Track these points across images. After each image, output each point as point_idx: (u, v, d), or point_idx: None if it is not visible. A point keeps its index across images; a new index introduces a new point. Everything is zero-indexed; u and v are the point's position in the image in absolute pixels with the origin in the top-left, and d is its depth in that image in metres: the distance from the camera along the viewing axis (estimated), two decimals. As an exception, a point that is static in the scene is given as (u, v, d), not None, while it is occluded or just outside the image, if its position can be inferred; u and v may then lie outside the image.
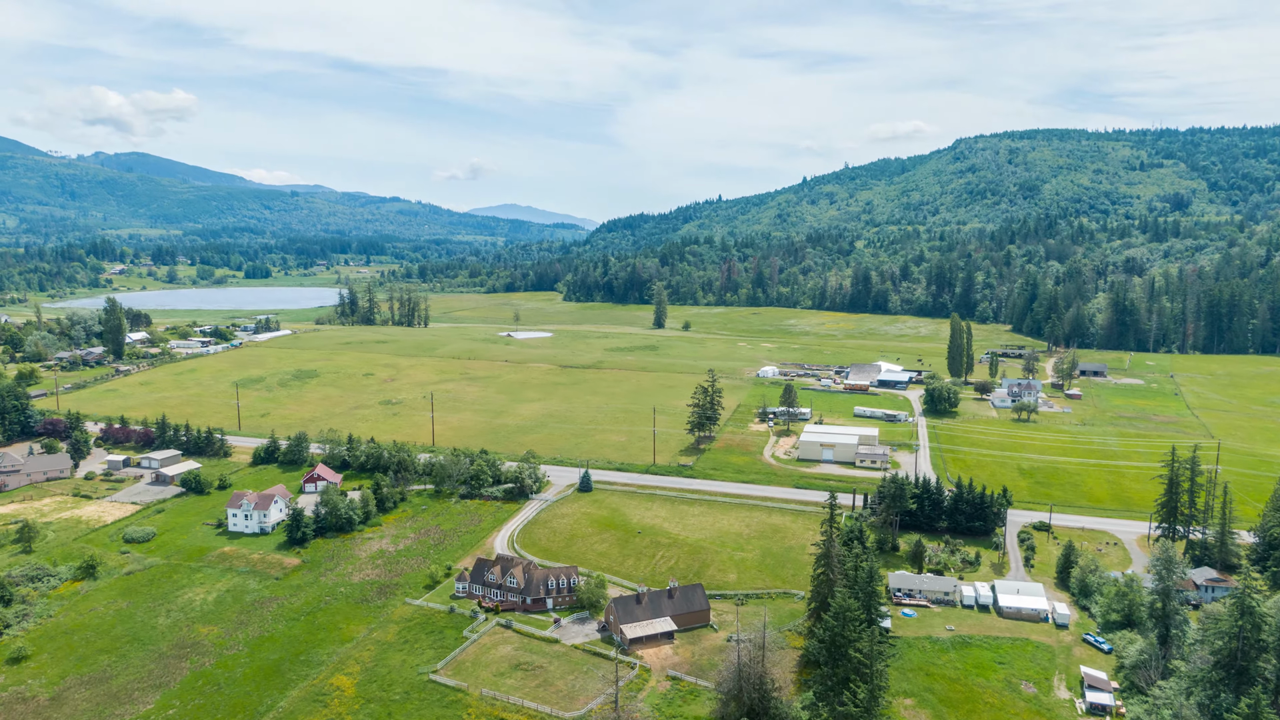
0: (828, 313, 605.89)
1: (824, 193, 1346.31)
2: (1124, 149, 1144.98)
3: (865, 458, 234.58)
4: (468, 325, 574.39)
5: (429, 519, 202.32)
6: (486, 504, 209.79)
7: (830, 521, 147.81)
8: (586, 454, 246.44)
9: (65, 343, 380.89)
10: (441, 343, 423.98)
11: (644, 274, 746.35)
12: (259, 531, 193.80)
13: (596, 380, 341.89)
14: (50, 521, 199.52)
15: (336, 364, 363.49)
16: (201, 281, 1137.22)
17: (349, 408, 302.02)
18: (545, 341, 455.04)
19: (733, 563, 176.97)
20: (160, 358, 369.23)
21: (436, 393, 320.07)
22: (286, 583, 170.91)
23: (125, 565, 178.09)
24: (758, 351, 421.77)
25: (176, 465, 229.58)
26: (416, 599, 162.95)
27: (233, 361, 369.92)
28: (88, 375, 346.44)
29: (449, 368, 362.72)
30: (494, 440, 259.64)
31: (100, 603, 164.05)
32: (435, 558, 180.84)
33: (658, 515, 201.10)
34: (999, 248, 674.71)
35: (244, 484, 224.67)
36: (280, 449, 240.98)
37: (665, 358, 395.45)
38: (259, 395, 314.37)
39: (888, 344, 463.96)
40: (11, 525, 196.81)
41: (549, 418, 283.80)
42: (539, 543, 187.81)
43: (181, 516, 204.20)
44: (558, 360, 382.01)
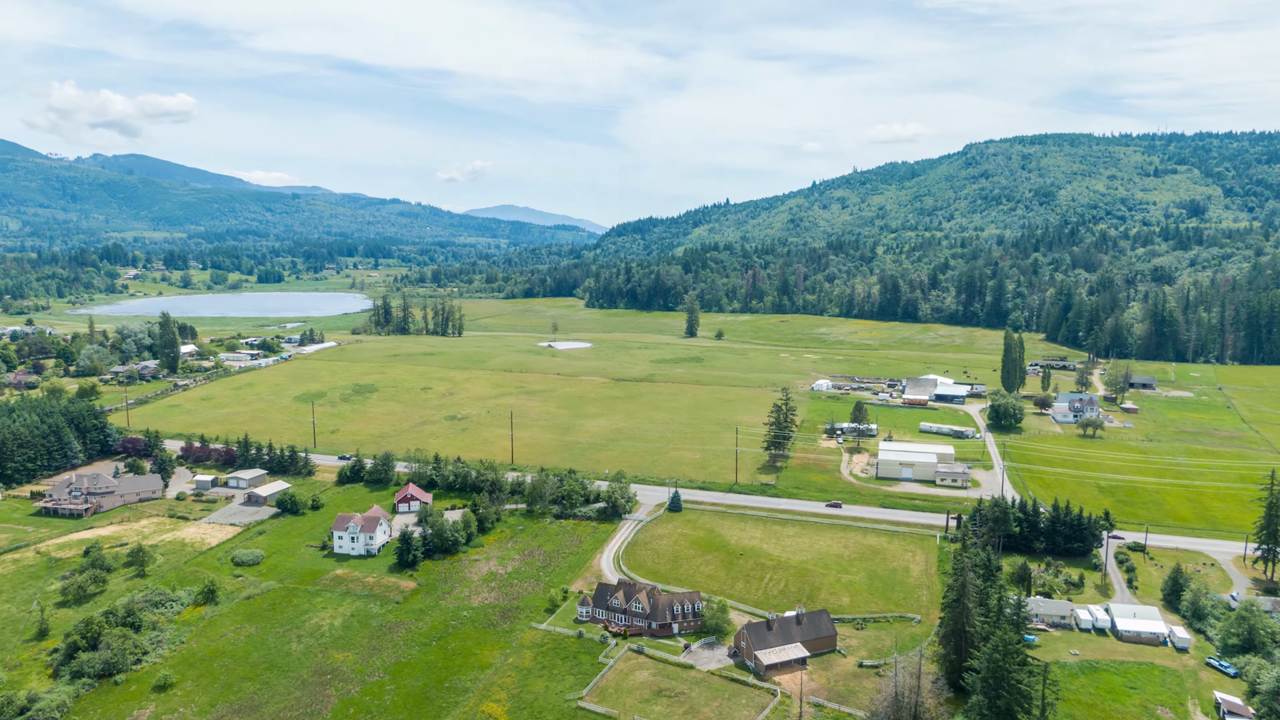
0: (856, 320, 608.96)
1: (835, 197, 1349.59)
2: (1136, 154, 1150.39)
3: (945, 476, 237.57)
4: (502, 334, 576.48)
5: (528, 540, 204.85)
6: (582, 524, 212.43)
7: (963, 547, 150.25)
8: (664, 472, 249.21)
9: (117, 356, 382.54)
10: (488, 354, 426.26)
11: (667, 281, 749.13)
12: (365, 554, 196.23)
13: (652, 394, 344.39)
14: (155, 544, 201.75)
15: (391, 378, 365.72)
16: (216, 286, 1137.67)
17: (415, 423, 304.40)
18: (587, 353, 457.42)
19: (841, 586, 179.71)
20: (214, 371, 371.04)
21: (496, 407, 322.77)
22: (408, 607, 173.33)
23: (243, 589, 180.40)
24: (801, 363, 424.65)
25: (269, 486, 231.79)
26: (541, 623, 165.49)
27: (287, 375, 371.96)
28: (146, 390, 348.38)
29: (503, 381, 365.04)
30: (569, 458, 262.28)
31: (228, 628, 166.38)
32: (547, 580, 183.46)
33: (753, 536, 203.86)
34: (1024, 255, 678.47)
35: (334, 504, 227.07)
36: (365, 468, 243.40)
37: (712, 370, 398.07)
38: (325, 411, 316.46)
39: (926, 354, 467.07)
40: (118, 548, 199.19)
41: (618, 434, 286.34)
42: (645, 564, 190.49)
43: (283, 539, 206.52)
44: (607, 373, 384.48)
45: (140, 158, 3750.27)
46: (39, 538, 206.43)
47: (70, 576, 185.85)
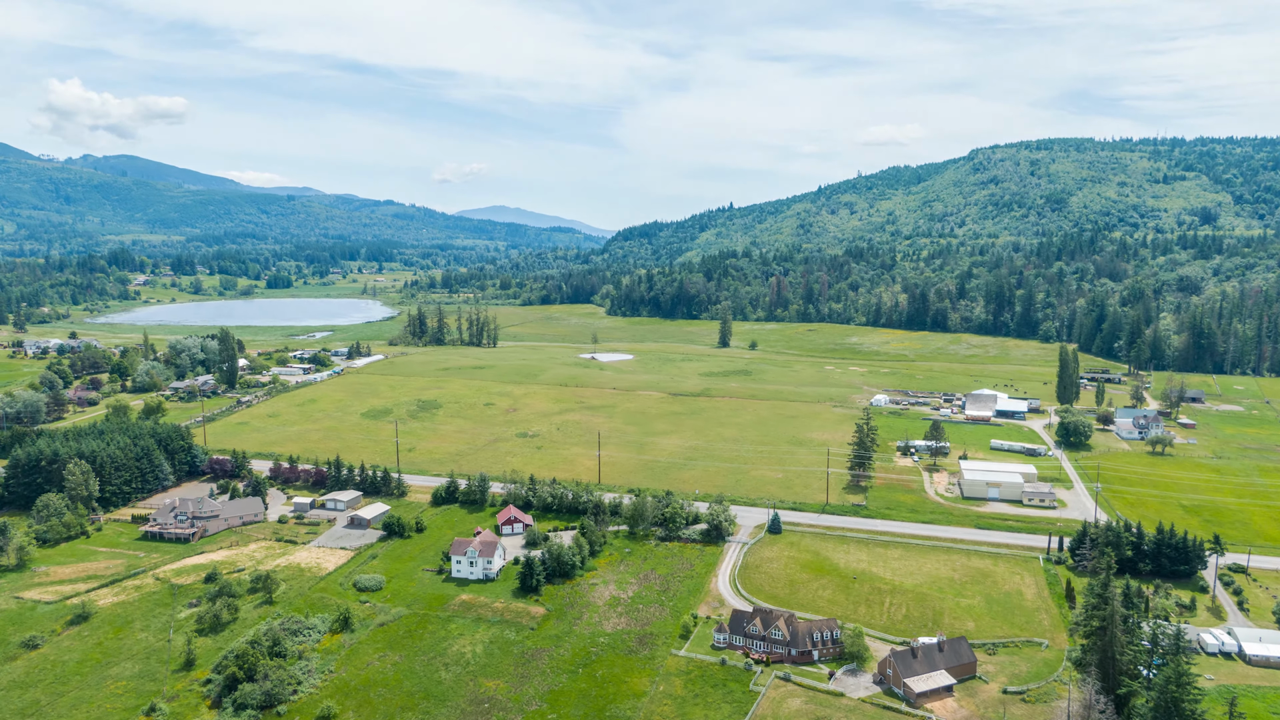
0: (885, 330, 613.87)
1: (842, 202, 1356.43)
2: (1143, 160, 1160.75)
3: (1032, 496, 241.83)
4: (537, 345, 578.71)
5: (639, 563, 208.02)
6: (687, 547, 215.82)
7: (1107, 573, 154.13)
8: (750, 492, 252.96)
9: (173, 371, 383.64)
10: (537, 368, 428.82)
11: (691, 289, 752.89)
12: (483, 578, 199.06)
13: (713, 410, 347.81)
14: (271, 569, 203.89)
15: (451, 393, 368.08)
16: (228, 293, 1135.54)
17: (487, 440, 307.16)
18: (632, 365, 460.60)
19: (961, 610, 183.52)
20: (273, 387, 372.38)
21: (564, 424, 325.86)
22: (543, 633, 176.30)
23: (374, 616, 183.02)
24: (849, 375, 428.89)
25: (370, 508, 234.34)
26: (679, 650, 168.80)
27: (346, 390, 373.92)
28: (210, 406, 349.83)
29: (562, 396, 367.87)
30: (651, 477, 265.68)
31: (371, 656, 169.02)
32: (671, 605, 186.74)
33: (859, 559, 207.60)
34: (1046, 264, 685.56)
35: (436, 526, 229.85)
36: (459, 488, 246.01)
37: (764, 384, 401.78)
38: (399, 428, 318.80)
39: (967, 366, 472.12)
40: (236, 574, 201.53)
41: (694, 452, 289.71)
42: (762, 588, 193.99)
43: (397, 563, 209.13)
44: (661, 387, 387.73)
45: (131, 158, 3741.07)
46: (153, 563, 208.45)
47: (197, 604, 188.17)
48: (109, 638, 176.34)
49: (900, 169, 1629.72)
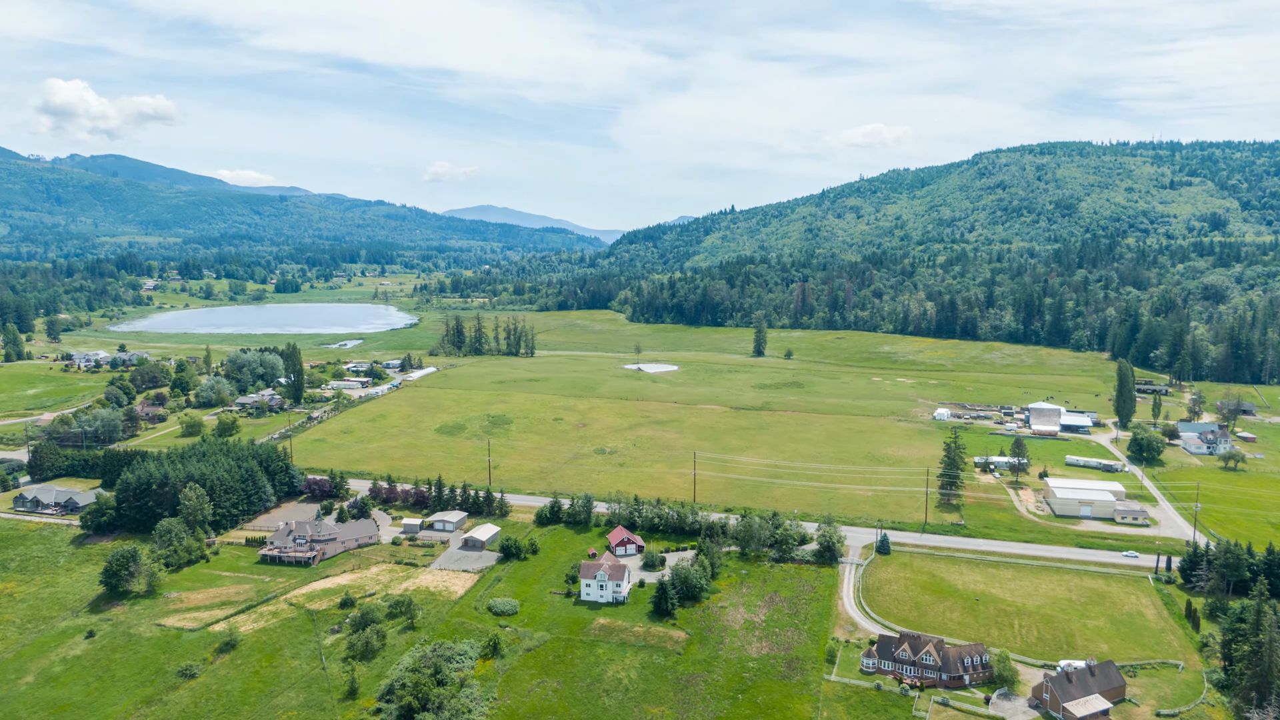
0: (915, 338, 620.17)
1: (848, 206, 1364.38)
2: (1147, 165, 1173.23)
3: (1124, 514, 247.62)
4: (575, 353, 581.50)
5: (759, 585, 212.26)
6: (802, 568, 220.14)
7: (1260, 599, 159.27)
8: (844, 510, 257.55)
9: (234, 385, 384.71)
10: (590, 380, 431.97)
11: (715, 296, 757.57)
12: (613, 601, 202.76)
13: (778, 425, 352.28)
14: (401, 594, 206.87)
15: (516, 407, 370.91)
16: (239, 297, 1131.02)
17: (567, 457, 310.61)
18: (680, 377, 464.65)
19: (1090, 632, 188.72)
20: (338, 401, 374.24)
21: (639, 440, 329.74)
22: (690, 658, 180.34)
23: (519, 641, 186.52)
24: (898, 387, 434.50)
25: (481, 529, 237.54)
26: (830, 675, 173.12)
27: (412, 405, 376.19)
28: (279, 422, 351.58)
29: (626, 410, 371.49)
30: (742, 495, 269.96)
31: (529, 683, 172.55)
32: (806, 628, 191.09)
33: (974, 580, 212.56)
34: (1068, 272, 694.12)
35: (548, 547, 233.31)
36: (563, 508, 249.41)
37: (819, 396, 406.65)
38: (474, 445, 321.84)
39: (1012, 377, 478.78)
40: (367, 598, 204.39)
41: (776, 469, 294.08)
42: (891, 611, 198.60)
43: (523, 585, 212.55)
44: (720, 400, 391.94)
45: (119, 158, 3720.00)
46: (281, 588, 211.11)
47: (339, 630, 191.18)
48: (263, 666, 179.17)
49: (901, 172, 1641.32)
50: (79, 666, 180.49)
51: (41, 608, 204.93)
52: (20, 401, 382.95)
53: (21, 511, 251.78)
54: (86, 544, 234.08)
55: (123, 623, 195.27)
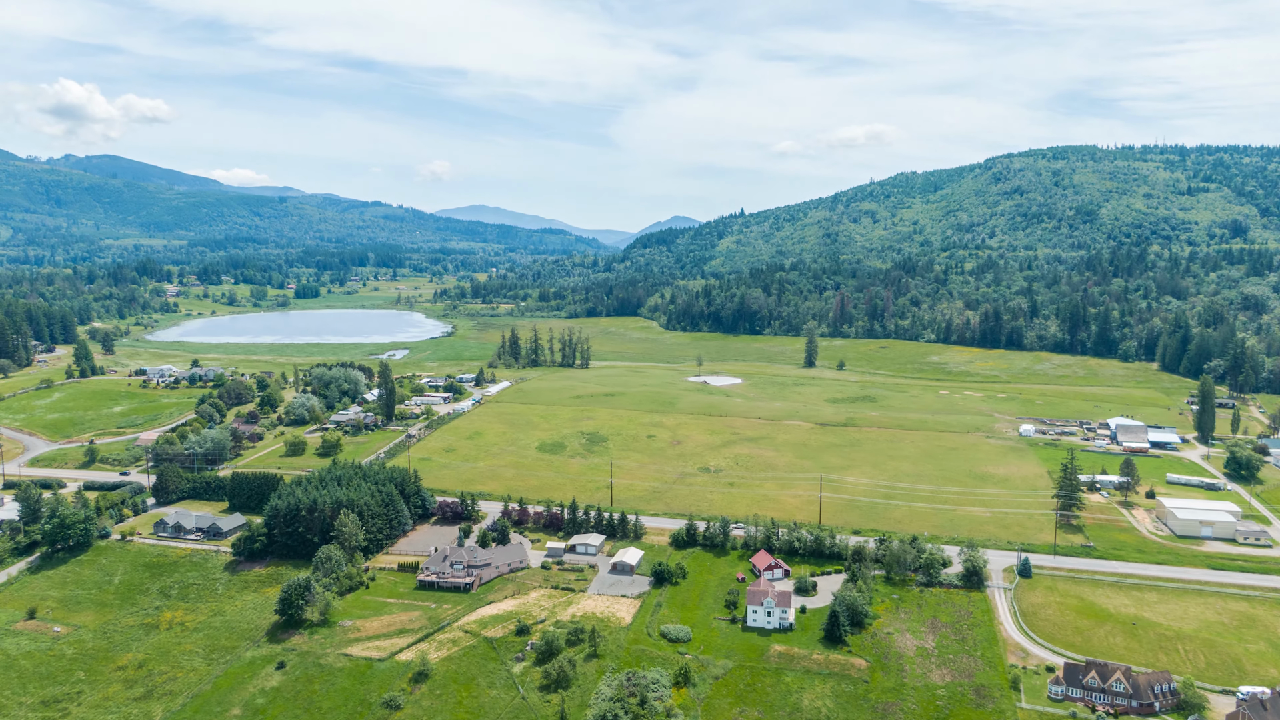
0: (960, 348, 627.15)
1: (862, 210, 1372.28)
2: (1161, 171, 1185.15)
3: (1245, 534, 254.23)
4: (632, 364, 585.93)
5: (914, 610, 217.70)
6: (951, 592, 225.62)
7: None
8: (968, 532, 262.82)
9: (323, 402, 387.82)
10: (666, 394, 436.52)
11: (752, 305, 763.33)
12: (779, 627, 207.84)
13: (868, 441, 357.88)
14: (570, 620, 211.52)
15: (605, 424, 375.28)
16: (263, 304, 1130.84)
17: (674, 477, 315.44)
18: (747, 390, 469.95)
19: (1255, 656, 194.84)
20: (431, 419, 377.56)
21: (741, 458, 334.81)
22: (877, 685, 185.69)
23: (704, 669, 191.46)
24: (969, 401, 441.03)
25: (626, 553, 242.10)
26: (1021, 702, 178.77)
27: (501, 421, 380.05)
28: (377, 440, 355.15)
29: (714, 426, 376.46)
30: (863, 517, 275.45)
31: (729, 712, 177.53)
32: (979, 654, 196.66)
33: (1122, 603, 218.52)
34: (1103, 281, 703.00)
35: (693, 571, 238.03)
36: (699, 531, 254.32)
37: (894, 410, 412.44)
38: (579, 464, 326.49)
39: (1067, 389, 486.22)
40: (539, 624, 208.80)
41: (887, 490, 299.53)
42: (1055, 636, 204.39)
43: (685, 611, 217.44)
44: (801, 416, 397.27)
45: (115, 158, 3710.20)
46: (452, 615, 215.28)
47: (522, 658, 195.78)
48: (464, 696, 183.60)
49: (910, 175, 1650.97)
50: (281, 699, 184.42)
51: (219, 637, 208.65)
52: (110, 420, 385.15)
53: (164, 537, 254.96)
54: (240, 571, 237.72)
55: (308, 653, 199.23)
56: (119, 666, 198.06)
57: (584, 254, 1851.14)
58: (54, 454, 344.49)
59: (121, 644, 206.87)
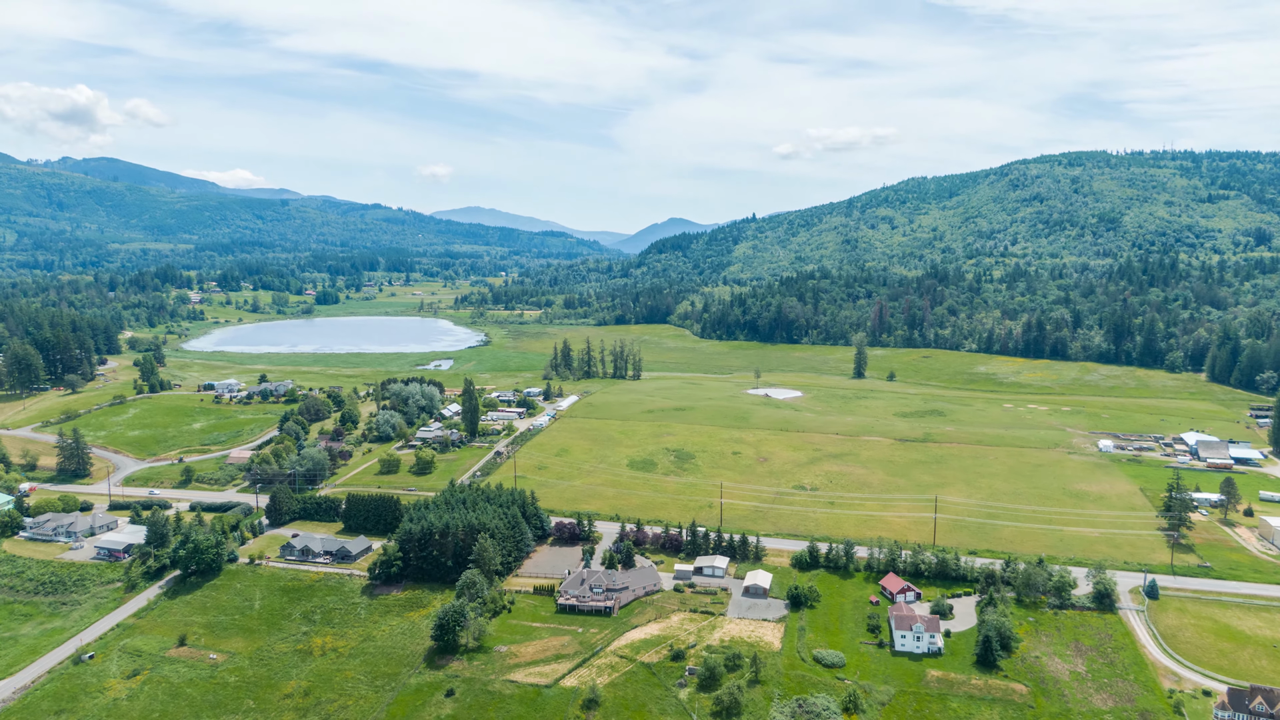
0: (1004, 358, 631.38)
1: (880, 216, 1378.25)
2: (1178, 178, 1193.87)
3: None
4: (685, 376, 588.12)
5: (1053, 633, 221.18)
6: (1084, 615, 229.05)
7: None
8: (1080, 552, 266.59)
9: (402, 419, 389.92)
10: (735, 409, 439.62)
11: (789, 313, 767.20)
12: (929, 652, 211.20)
13: (952, 458, 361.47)
14: (718, 644, 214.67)
15: (687, 440, 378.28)
16: (287, 311, 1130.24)
17: (772, 495, 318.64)
18: (810, 403, 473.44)
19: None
20: (515, 435, 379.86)
21: (828, 475, 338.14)
22: (1043, 711, 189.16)
23: (869, 695, 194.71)
24: (1036, 415, 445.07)
25: (758, 575, 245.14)
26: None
27: (582, 436, 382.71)
28: (467, 457, 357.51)
29: (794, 442, 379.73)
30: (974, 537, 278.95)
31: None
32: (1131, 677, 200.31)
33: (1254, 624, 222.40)
34: (1140, 290, 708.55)
35: (825, 594, 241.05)
36: (821, 553, 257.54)
37: (966, 425, 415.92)
38: (677, 481, 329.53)
39: (1125, 400, 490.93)
40: (690, 649, 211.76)
41: (990, 509, 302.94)
42: (1200, 659, 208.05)
43: (829, 635, 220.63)
44: (877, 430, 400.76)
45: (113, 161, 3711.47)
46: (602, 639, 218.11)
47: (684, 684, 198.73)
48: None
49: (922, 180, 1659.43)
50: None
51: (376, 663, 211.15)
52: (192, 436, 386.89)
53: (293, 560, 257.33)
54: (378, 595, 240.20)
55: (473, 679, 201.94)
56: (285, 695, 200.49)
57: (597, 259, 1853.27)
58: (146, 472, 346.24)
59: (281, 671, 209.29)
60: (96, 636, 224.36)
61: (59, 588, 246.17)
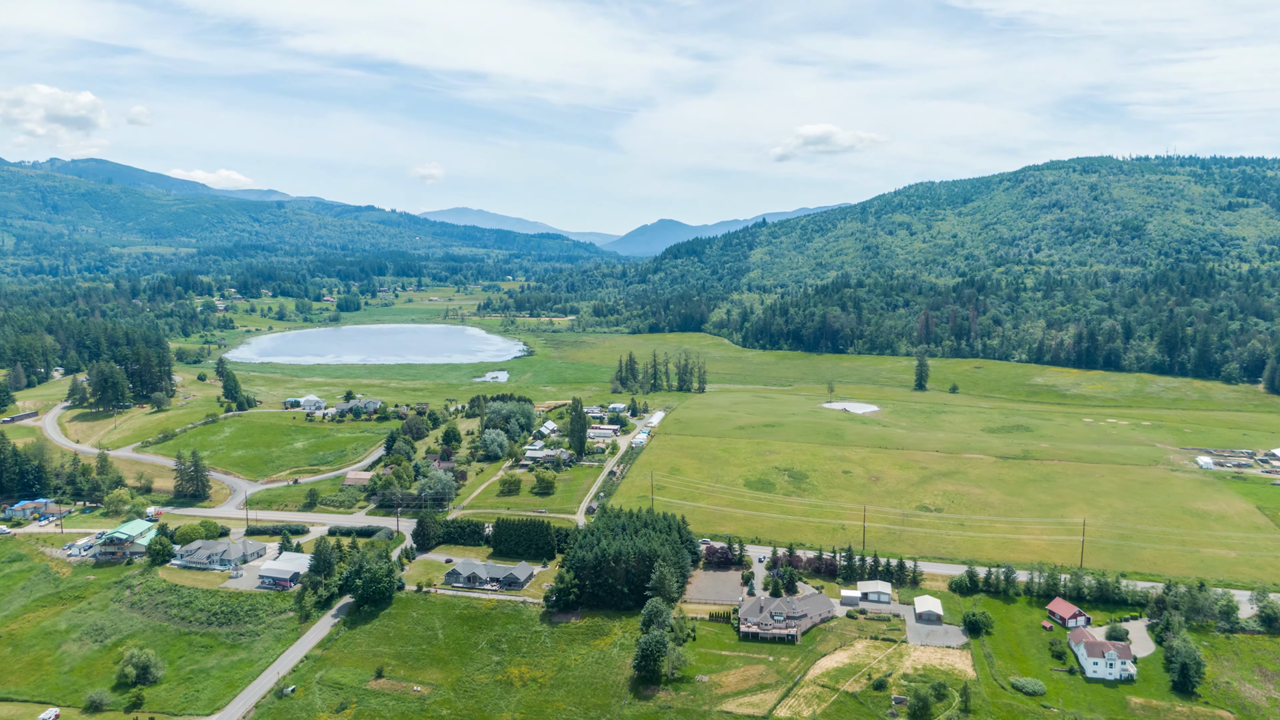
0: (1059, 369, 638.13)
1: (896, 222, 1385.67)
2: (1194, 185, 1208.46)
3: None
4: (754, 388, 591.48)
5: (1235, 658, 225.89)
6: (1257, 639, 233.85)
7: None
8: (1226, 574, 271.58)
9: (506, 437, 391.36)
10: (831, 426, 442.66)
11: (834, 324, 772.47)
12: (1121, 679, 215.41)
13: (1060, 476, 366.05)
14: (908, 673, 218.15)
15: (793, 458, 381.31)
16: (314, 319, 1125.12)
17: (898, 516, 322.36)
18: (892, 418, 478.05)
19: None
20: (624, 454, 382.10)
21: (946, 495, 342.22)
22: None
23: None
24: (1121, 430, 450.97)
25: (925, 601, 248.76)
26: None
27: (686, 454, 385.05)
28: (582, 477, 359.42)
29: (899, 461, 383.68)
30: (1116, 559, 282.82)
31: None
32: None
33: None
34: (1183, 300, 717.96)
35: (1001, 621, 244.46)
36: (979, 577, 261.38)
37: (1065, 442, 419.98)
38: (801, 503, 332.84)
39: (1195, 414, 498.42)
40: (888, 678, 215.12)
41: (1118, 529, 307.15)
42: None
43: (1017, 662, 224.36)
44: (975, 448, 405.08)
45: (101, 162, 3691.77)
46: (795, 668, 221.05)
47: (896, 715, 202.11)
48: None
49: (932, 185, 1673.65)
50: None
51: (583, 694, 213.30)
52: (297, 456, 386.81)
53: (460, 588, 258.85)
54: (557, 622, 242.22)
55: (688, 710, 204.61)
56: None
57: (610, 264, 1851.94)
58: (265, 494, 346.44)
59: (489, 703, 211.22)
60: (290, 669, 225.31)
61: (232, 618, 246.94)
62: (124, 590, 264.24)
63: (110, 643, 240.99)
